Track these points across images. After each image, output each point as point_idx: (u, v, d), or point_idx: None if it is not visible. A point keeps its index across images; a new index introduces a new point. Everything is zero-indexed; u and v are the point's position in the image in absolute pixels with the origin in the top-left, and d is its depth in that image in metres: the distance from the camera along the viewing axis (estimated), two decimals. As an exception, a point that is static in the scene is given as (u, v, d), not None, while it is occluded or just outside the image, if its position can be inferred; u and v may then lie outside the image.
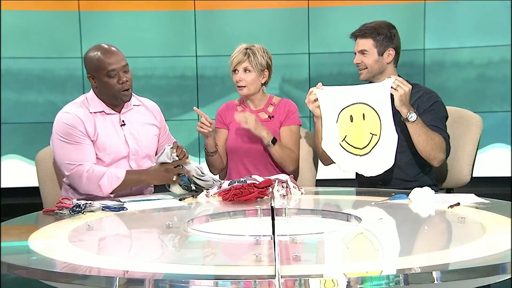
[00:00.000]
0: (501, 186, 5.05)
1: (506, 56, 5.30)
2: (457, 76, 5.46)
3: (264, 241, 1.78)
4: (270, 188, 2.56)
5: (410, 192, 2.40)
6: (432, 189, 2.39)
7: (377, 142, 2.74)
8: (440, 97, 2.91)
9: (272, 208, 2.28)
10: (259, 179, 2.61)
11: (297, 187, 2.63)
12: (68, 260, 1.70)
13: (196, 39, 5.50)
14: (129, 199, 2.53)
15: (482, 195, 2.37)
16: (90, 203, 2.31)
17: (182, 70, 5.57)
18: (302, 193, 2.63)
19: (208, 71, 5.55)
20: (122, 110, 2.80)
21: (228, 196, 2.49)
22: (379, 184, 2.90)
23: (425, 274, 1.50)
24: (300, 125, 3.12)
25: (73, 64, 5.42)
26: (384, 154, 2.73)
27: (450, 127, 2.97)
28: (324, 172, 3.28)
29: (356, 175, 3.01)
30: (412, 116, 2.72)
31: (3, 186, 4.98)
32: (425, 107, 2.85)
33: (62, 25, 5.42)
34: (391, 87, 2.71)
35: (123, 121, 2.79)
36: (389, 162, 2.74)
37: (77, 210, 2.27)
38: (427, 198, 2.34)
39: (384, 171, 2.77)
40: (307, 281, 1.45)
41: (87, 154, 2.69)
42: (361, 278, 1.48)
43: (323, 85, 2.83)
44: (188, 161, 2.68)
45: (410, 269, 1.54)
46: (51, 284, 1.70)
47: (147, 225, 2.26)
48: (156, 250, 1.91)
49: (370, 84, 2.86)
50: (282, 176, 2.65)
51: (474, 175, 3.06)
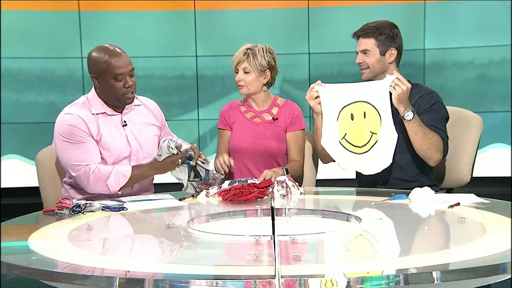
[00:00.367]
0: (501, 186, 5.04)
1: (506, 56, 5.30)
2: (457, 76, 5.46)
3: (264, 241, 1.78)
4: (270, 188, 2.56)
5: (410, 192, 2.40)
6: (432, 189, 2.39)
7: (376, 141, 2.74)
8: (441, 97, 2.91)
9: (272, 208, 2.28)
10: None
11: (296, 185, 2.64)
12: (68, 260, 1.70)
13: (196, 39, 5.49)
14: (129, 199, 2.53)
15: (482, 195, 2.37)
16: (90, 203, 2.31)
17: (182, 70, 5.56)
18: (302, 192, 2.63)
19: (208, 71, 5.55)
20: (123, 111, 2.81)
21: (228, 196, 2.49)
22: (379, 184, 2.90)
23: (425, 274, 1.50)
24: (304, 128, 3.12)
25: (73, 64, 5.42)
26: (383, 153, 2.73)
27: (450, 127, 2.97)
28: (324, 172, 3.28)
29: (356, 175, 3.01)
30: (409, 115, 2.72)
31: (3, 186, 4.98)
32: (425, 107, 2.85)
33: (62, 25, 5.42)
34: (390, 85, 2.71)
35: (124, 121, 2.79)
36: (387, 161, 2.74)
37: (77, 210, 2.27)
38: (427, 198, 2.34)
39: (382, 170, 2.77)
40: (307, 281, 1.45)
41: (92, 153, 2.69)
42: (361, 278, 1.48)
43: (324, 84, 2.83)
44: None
45: (407, 269, 1.54)
46: (51, 284, 1.70)
47: (147, 225, 2.26)
48: (156, 250, 1.91)
49: (371, 82, 2.85)
50: (280, 177, 2.66)
51: (474, 175, 3.06)
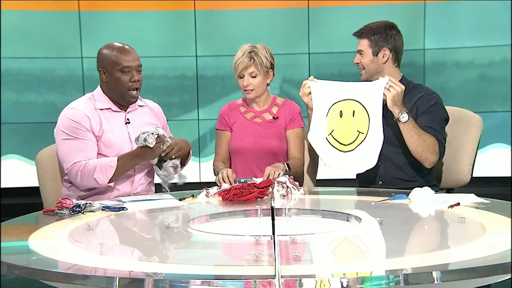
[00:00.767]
0: (501, 186, 5.04)
1: (507, 56, 5.30)
2: (457, 76, 5.45)
3: (264, 241, 1.78)
4: (270, 188, 2.56)
5: (410, 192, 2.40)
6: (432, 189, 2.39)
7: (362, 141, 2.74)
8: (441, 99, 2.90)
9: (272, 208, 2.28)
10: (258, 180, 2.62)
11: (296, 187, 2.63)
12: (68, 260, 1.71)
13: (196, 39, 5.49)
14: (129, 199, 2.53)
15: (482, 195, 2.37)
16: (90, 203, 2.31)
17: (182, 70, 5.57)
18: (302, 193, 2.63)
19: (208, 71, 5.55)
20: (127, 109, 2.84)
21: (228, 196, 2.49)
22: (379, 184, 2.90)
23: (425, 274, 1.50)
24: (304, 127, 3.12)
25: (73, 64, 5.42)
26: (368, 153, 2.73)
27: (450, 127, 2.97)
28: (324, 172, 3.27)
29: (357, 175, 3.01)
30: (404, 117, 2.72)
31: (3, 186, 4.98)
32: (424, 108, 2.85)
33: (62, 25, 5.42)
34: (385, 87, 2.71)
35: (128, 119, 2.82)
36: (371, 161, 2.74)
37: (77, 210, 2.27)
38: (427, 198, 2.34)
39: (365, 171, 2.77)
40: (307, 281, 1.45)
41: (87, 150, 2.70)
42: (361, 278, 1.48)
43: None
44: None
45: (407, 269, 1.54)
46: (51, 284, 1.70)
47: (147, 225, 2.26)
48: (156, 250, 1.91)
49: (364, 82, 2.86)
50: (282, 178, 2.66)
51: (474, 175, 3.06)
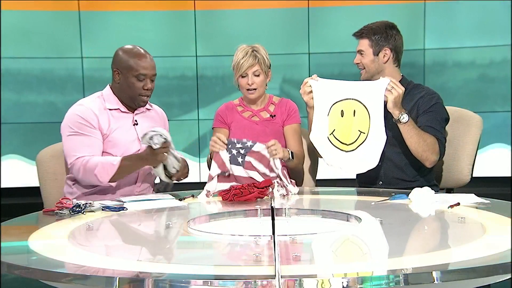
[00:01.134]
0: (501, 186, 5.04)
1: (508, 56, 5.30)
2: (458, 77, 5.46)
3: (264, 241, 1.78)
4: (270, 188, 2.56)
5: (410, 192, 2.40)
6: (432, 189, 2.39)
7: (364, 140, 2.73)
8: (441, 98, 2.91)
9: (272, 208, 2.28)
10: (257, 177, 2.62)
11: (287, 178, 2.63)
12: (68, 260, 1.70)
13: (196, 39, 5.50)
14: (129, 199, 2.53)
15: (482, 195, 2.37)
16: (90, 203, 2.31)
17: (182, 70, 5.57)
18: (295, 189, 2.64)
19: (208, 71, 5.55)
20: (135, 111, 2.86)
21: (228, 196, 2.49)
22: (379, 184, 2.90)
23: (425, 274, 1.50)
24: (300, 123, 3.11)
25: (73, 64, 5.43)
26: (370, 153, 2.72)
27: (450, 127, 2.97)
28: (324, 172, 3.27)
29: (357, 175, 3.01)
30: (404, 117, 2.72)
31: (3, 186, 4.98)
32: (425, 108, 2.85)
33: (62, 25, 5.42)
34: (386, 88, 2.70)
35: (136, 120, 2.84)
36: (373, 161, 2.73)
37: (77, 210, 2.27)
38: (427, 198, 2.34)
39: (367, 171, 2.77)
40: (307, 281, 1.45)
41: (92, 147, 2.71)
42: (361, 278, 1.48)
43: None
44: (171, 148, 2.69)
45: (407, 269, 1.54)
46: (51, 284, 1.70)
47: (147, 225, 2.26)
48: (156, 250, 1.91)
49: (365, 82, 2.86)
50: (277, 162, 2.66)
51: (474, 175, 3.06)
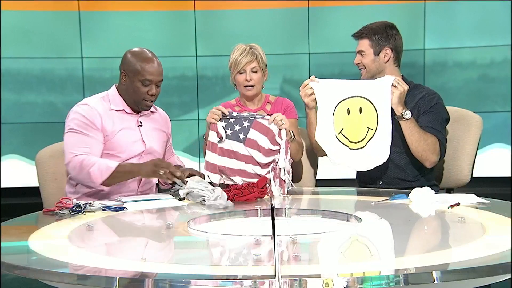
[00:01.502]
0: (501, 186, 5.04)
1: (508, 56, 5.30)
2: (458, 77, 5.45)
3: (264, 241, 1.78)
4: (267, 184, 2.56)
5: (410, 192, 2.40)
6: (432, 189, 2.39)
7: (372, 136, 2.73)
8: (442, 99, 2.91)
9: (272, 208, 2.28)
10: (258, 158, 2.62)
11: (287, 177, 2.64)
12: (68, 260, 1.71)
13: (196, 39, 5.50)
14: (129, 199, 2.53)
15: (482, 195, 2.37)
16: (90, 203, 2.31)
17: (182, 70, 5.57)
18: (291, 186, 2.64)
19: (208, 71, 5.55)
20: (140, 113, 2.86)
21: (228, 196, 2.49)
22: (380, 184, 2.90)
23: (425, 274, 1.50)
24: (297, 119, 3.11)
25: (72, 64, 5.42)
26: (378, 149, 2.71)
27: (450, 127, 2.96)
28: (324, 172, 3.27)
29: (357, 174, 3.01)
30: (407, 114, 2.72)
31: (3, 186, 4.98)
32: (425, 108, 2.85)
33: (62, 25, 5.42)
34: (392, 85, 2.70)
35: (140, 122, 2.84)
36: (382, 158, 2.72)
37: (77, 210, 2.27)
38: (427, 198, 2.34)
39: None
40: (307, 281, 1.45)
41: (91, 147, 2.70)
42: (361, 278, 1.48)
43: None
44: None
45: (406, 269, 1.54)
46: (51, 284, 1.70)
47: (147, 225, 2.26)
48: (156, 250, 1.91)
49: (368, 80, 2.85)
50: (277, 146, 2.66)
51: (474, 175, 3.06)
